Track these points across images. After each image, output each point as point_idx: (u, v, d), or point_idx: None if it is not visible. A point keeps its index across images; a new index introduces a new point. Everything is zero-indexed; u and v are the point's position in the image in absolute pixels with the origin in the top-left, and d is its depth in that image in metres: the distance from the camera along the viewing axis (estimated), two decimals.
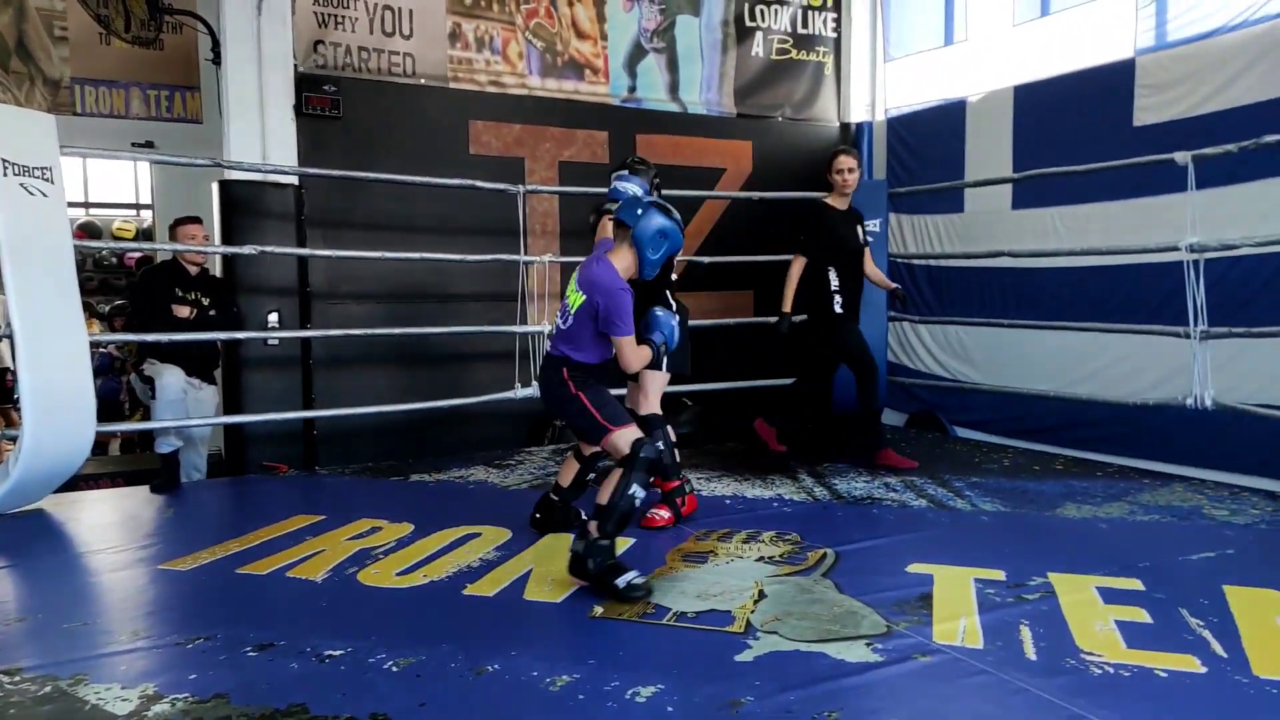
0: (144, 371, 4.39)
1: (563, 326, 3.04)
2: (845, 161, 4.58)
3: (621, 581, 2.74)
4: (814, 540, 3.31)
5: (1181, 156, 4.31)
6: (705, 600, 2.72)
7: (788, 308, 4.54)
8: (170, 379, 4.28)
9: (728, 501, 3.95)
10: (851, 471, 4.49)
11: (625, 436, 2.91)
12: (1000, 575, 2.90)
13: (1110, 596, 2.72)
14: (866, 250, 4.75)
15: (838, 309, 4.51)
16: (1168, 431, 4.80)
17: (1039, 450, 5.10)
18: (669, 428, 3.60)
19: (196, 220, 4.52)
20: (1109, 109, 5.23)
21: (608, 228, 3.22)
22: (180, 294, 4.42)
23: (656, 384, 3.62)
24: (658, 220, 2.92)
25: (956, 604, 2.67)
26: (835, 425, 5.34)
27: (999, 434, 5.71)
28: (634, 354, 2.99)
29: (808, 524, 3.56)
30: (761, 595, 2.76)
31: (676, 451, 3.62)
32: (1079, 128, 5.40)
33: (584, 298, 2.95)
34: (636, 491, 2.82)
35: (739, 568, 3.03)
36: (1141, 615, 2.57)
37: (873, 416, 4.71)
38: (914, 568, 3.00)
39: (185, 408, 4.34)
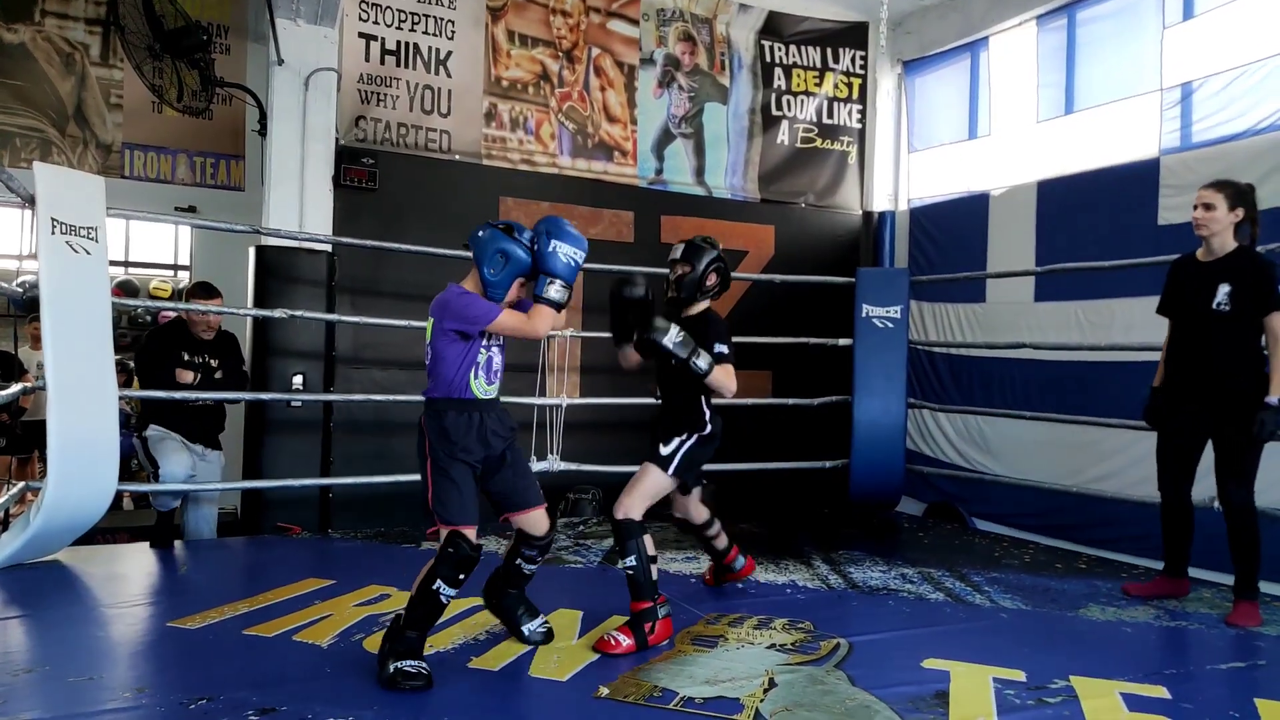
0: (147, 438, 4.37)
1: (428, 364, 2.81)
2: (1198, 195, 3.67)
3: (394, 665, 2.59)
4: (827, 629, 3.24)
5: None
6: (714, 686, 2.66)
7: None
8: (174, 466, 4.25)
9: (740, 585, 3.88)
10: (867, 560, 4.41)
11: (455, 534, 2.69)
12: (1021, 676, 2.81)
13: (1135, 704, 2.62)
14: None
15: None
16: (1196, 536, 4.69)
17: (1061, 547, 4.99)
18: (647, 539, 3.12)
19: (212, 294, 4.48)
20: (1133, 207, 5.28)
21: None
22: (187, 357, 4.40)
23: (648, 481, 3.18)
24: (496, 241, 2.74)
25: (974, 703, 2.59)
26: (852, 512, 5.29)
27: (1020, 528, 5.61)
28: (522, 321, 2.74)
29: (821, 612, 3.48)
30: (771, 684, 2.69)
31: (655, 568, 3.11)
32: (1103, 224, 5.46)
33: (432, 320, 2.78)
34: (441, 587, 2.65)
35: (749, 654, 2.96)
36: None
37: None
38: (930, 663, 2.91)
39: (190, 480, 4.36)
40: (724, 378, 3.14)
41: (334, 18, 5.14)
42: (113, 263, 5.92)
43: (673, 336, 3.06)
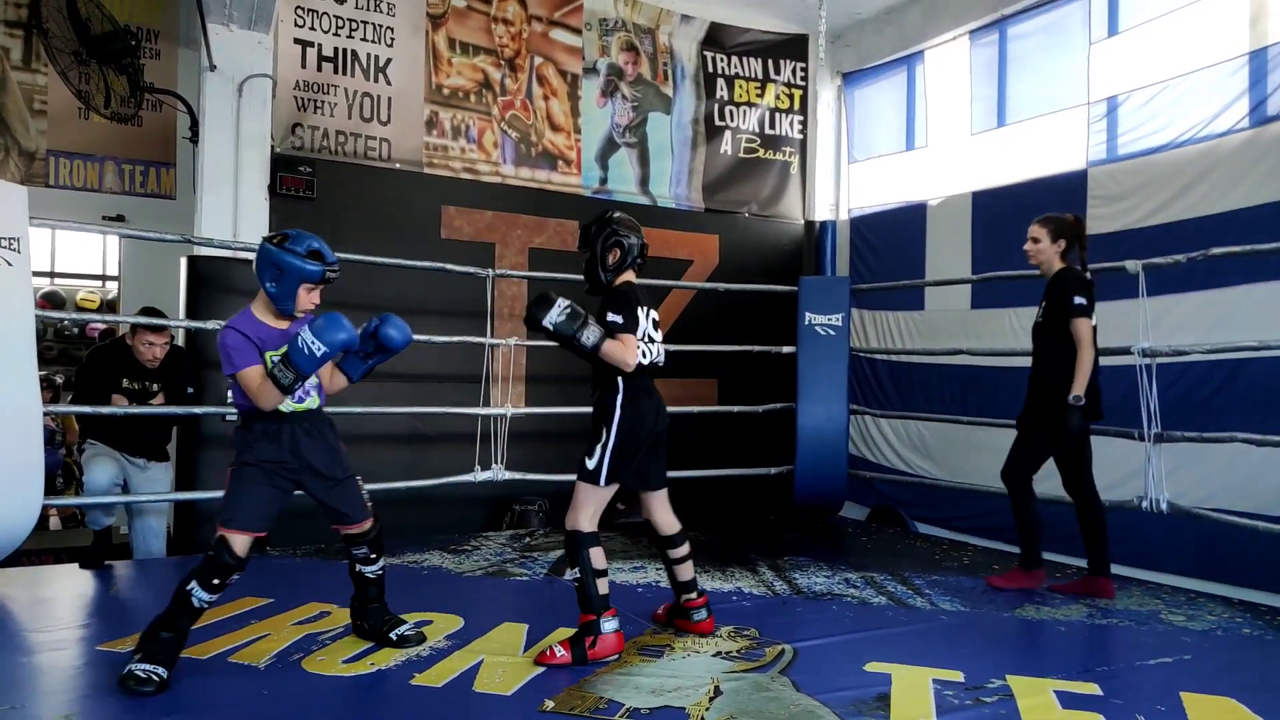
0: (83, 452, 4.29)
1: None
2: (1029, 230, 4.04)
3: (129, 667, 2.60)
4: (772, 635, 3.27)
5: (1133, 265, 4.47)
6: (659, 696, 2.66)
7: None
8: (98, 475, 4.17)
9: None
10: (812, 565, 4.46)
11: (222, 538, 2.71)
12: (959, 676, 2.87)
13: (1068, 701, 2.69)
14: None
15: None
16: (1125, 534, 4.84)
17: (999, 549, 5.11)
18: (595, 552, 3.01)
19: (160, 329, 4.33)
20: None
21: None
22: (126, 383, 4.30)
23: (589, 496, 3.05)
24: (267, 254, 2.79)
25: (914, 705, 2.63)
26: (798, 518, 5.34)
27: (959, 530, 5.73)
28: (254, 390, 2.75)
29: (766, 619, 3.51)
30: (717, 692, 2.70)
31: (603, 581, 3.01)
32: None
33: None
34: (194, 589, 2.66)
35: (695, 663, 2.97)
36: None
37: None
38: (872, 666, 2.96)
39: (116, 491, 4.25)
40: (615, 350, 2.98)
41: (269, 23, 5.04)
42: (38, 273, 5.72)
43: (553, 316, 2.95)
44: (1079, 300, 3.79)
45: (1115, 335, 4.68)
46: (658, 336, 3.21)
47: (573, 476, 3.09)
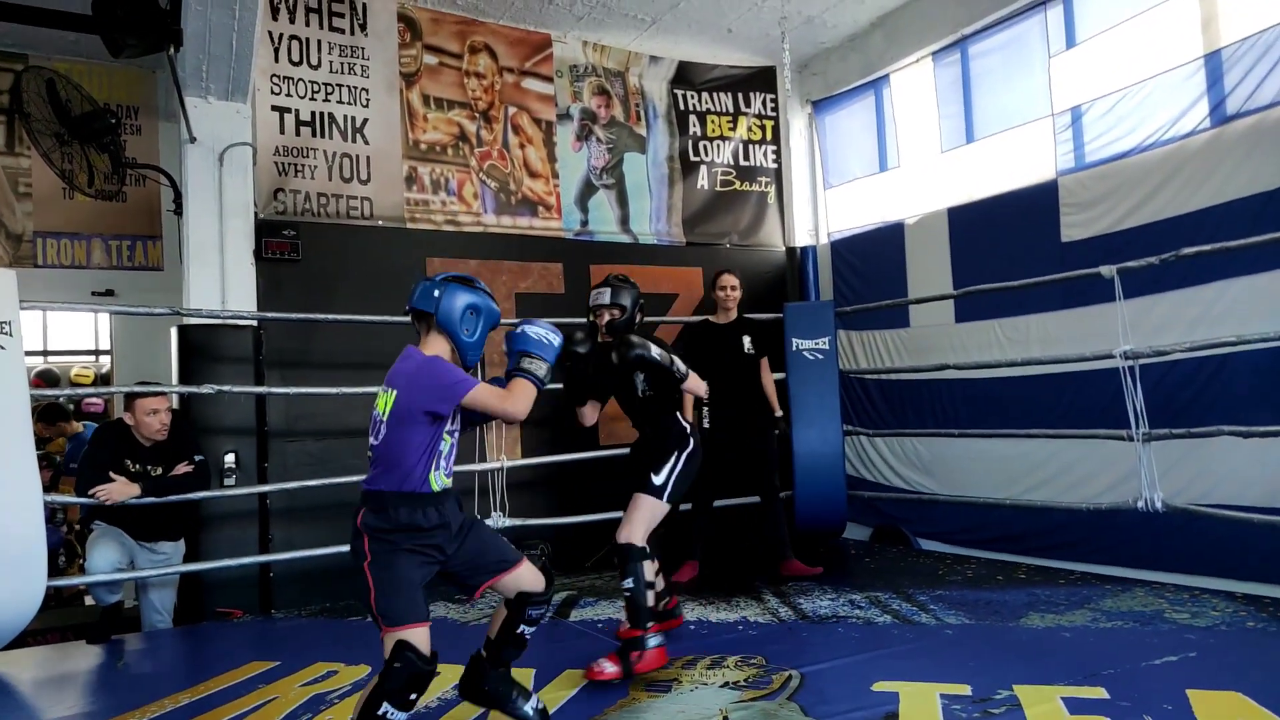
0: (91, 533, 4.23)
1: (374, 443, 2.44)
2: (725, 279, 5.12)
3: None
4: (779, 662, 3.27)
5: (1108, 270, 4.53)
6: None
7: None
8: (98, 560, 4.10)
9: (691, 627, 3.89)
10: (816, 589, 4.46)
11: (391, 639, 2.32)
12: (966, 690, 2.88)
13: (1075, 706, 2.70)
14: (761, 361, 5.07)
15: (706, 423, 4.84)
16: (1125, 535, 4.87)
17: (1001, 560, 5.13)
18: (647, 565, 3.18)
19: (157, 394, 4.30)
20: (1038, 227, 5.52)
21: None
22: (129, 463, 4.23)
23: (645, 510, 3.26)
24: (462, 296, 2.47)
25: None
26: (799, 543, 5.32)
27: (962, 544, 5.74)
28: (501, 399, 2.42)
29: (772, 646, 3.51)
30: None
31: (652, 595, 3.21)
32: (1012, 245, 5.69)
33: (394, 393, 2.40)
34: (387, 710, 2.28)
35: (703, 695, 2.98)
36: None
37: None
38: (880, 686, 2.97)
39: (121, 568, 4.19)
40: (696, 382, 3.48)
41: (245, 93, 5.14)
42: (30, 353, 5.76)
43: (653, 350, 3.27)
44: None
45: (1096, 340, 4.75)
46: None
47: (574, 518, 3.19)
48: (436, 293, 2.47)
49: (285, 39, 5.56)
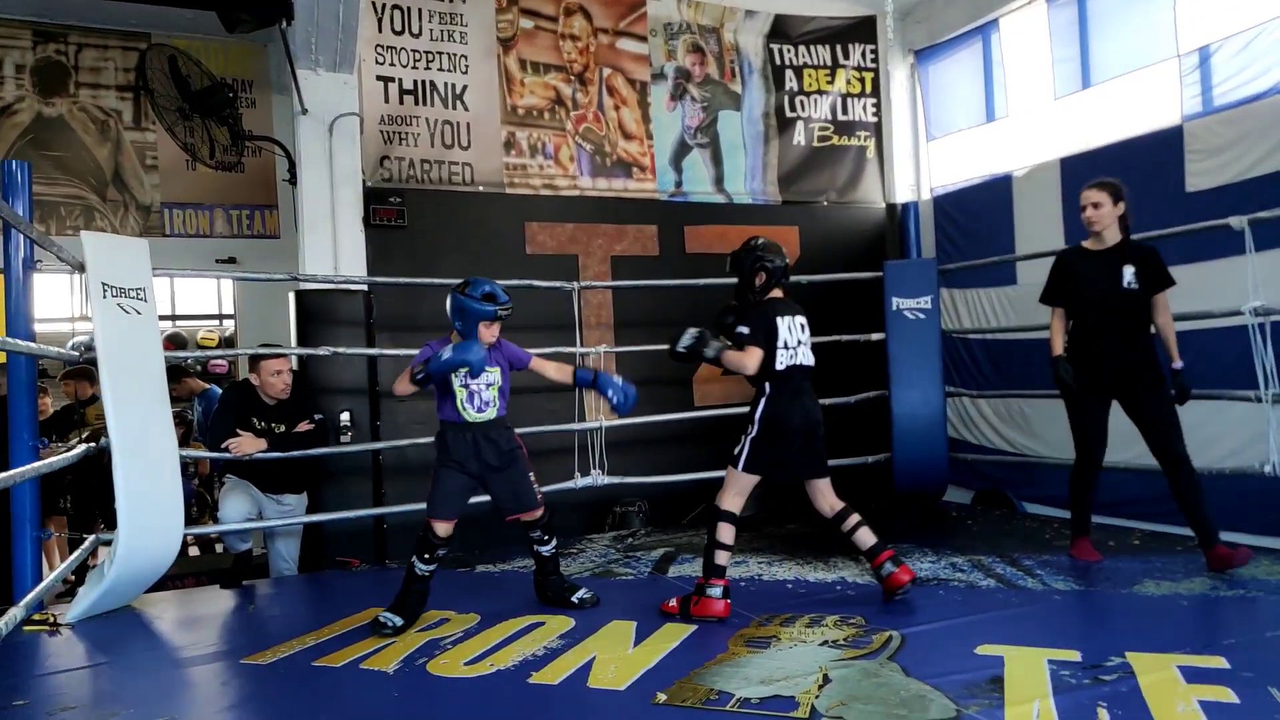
0: (222, 485, 4.59)
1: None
2: (1085, 196, 4.10)
3: (379, 615, 3.47)
4: (879, 623, 3.27)
5: (1238, 221, 4.28)
6: (769, 686, 2.71)
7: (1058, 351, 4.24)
8: (230, 511, 4.46)
9: (789, 585, 3.92)
10: (916, 551, 4.42)
11: (428, 524, 3.55)
12: (1075, 656, 2.82)
13: (1193, 676, 2.61)
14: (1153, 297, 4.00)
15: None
16: (1250, 501, 4.62)
17: (1114, 524, 4.95)
18: (724, 527, 3.50)
19: (279, 356, 4.56)
20: (1160, 176, 5.22)
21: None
22: (256, 420, 4.49)
23: (729, 478, 3.58)
24: (452, 301, 3.55)
25: (1029, 686, 2.60)
26: (899, 505, 5.27)
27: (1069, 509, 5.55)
28: (402, 384, 3.59)
29: (872, 607, 3.51)
30: (826, 680, 2.73)
31: (725, 554, 3.49)
32: (1132, 195, 5.40)
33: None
34: (415, 562, 3.55)
35: (802, 652, 3.00)
36: (1228, 695, 2.47)
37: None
38: (983, 649, 2.93)
39: (250, 519, 4.55)
40: (734, 358, 3.49)
41: (352, 64, 5.30)
42: (161, 317, 6.14)
43: (683, 341, 3.51)
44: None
45: (1222, 296, 4.49)
46: (805, 338, 3.61)
47: (671, 476, 3.34)
48: (449, 300, 3.58)
49: (388, 9, 5.69)
